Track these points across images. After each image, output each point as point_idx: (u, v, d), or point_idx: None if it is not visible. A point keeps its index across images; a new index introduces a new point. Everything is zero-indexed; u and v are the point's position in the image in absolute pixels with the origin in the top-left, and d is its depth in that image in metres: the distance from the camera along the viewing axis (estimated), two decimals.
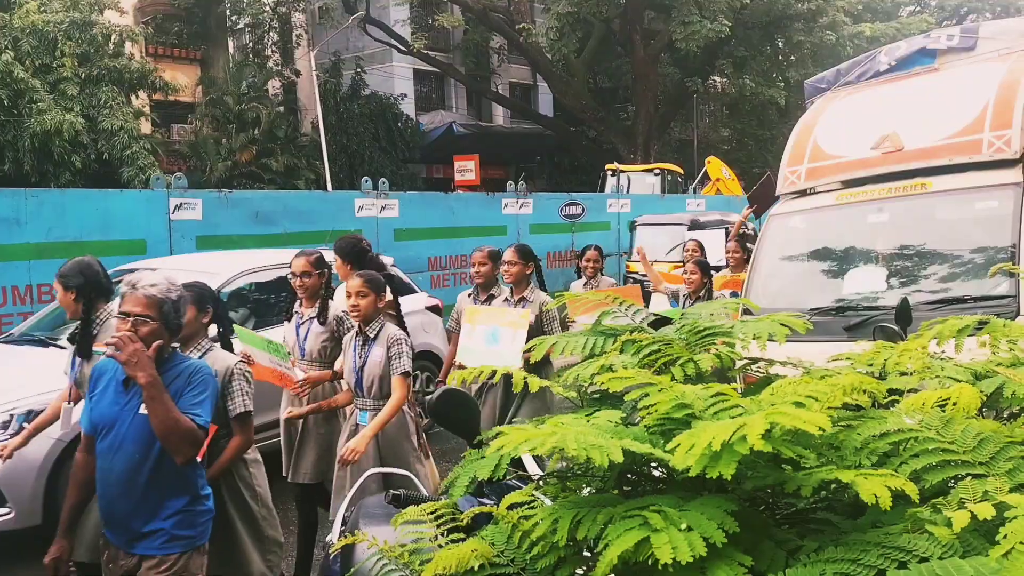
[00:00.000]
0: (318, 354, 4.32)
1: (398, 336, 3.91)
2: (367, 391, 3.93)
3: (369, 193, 10.22)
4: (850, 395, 1.38)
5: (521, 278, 4.84)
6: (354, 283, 3.87)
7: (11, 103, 14.82)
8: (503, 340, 4.45)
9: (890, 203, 4.51)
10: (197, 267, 5.98)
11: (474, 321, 4.67)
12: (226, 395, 3.22)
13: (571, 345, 2.04)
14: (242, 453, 3.33)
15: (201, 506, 2.83)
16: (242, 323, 6.01)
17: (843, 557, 1.17)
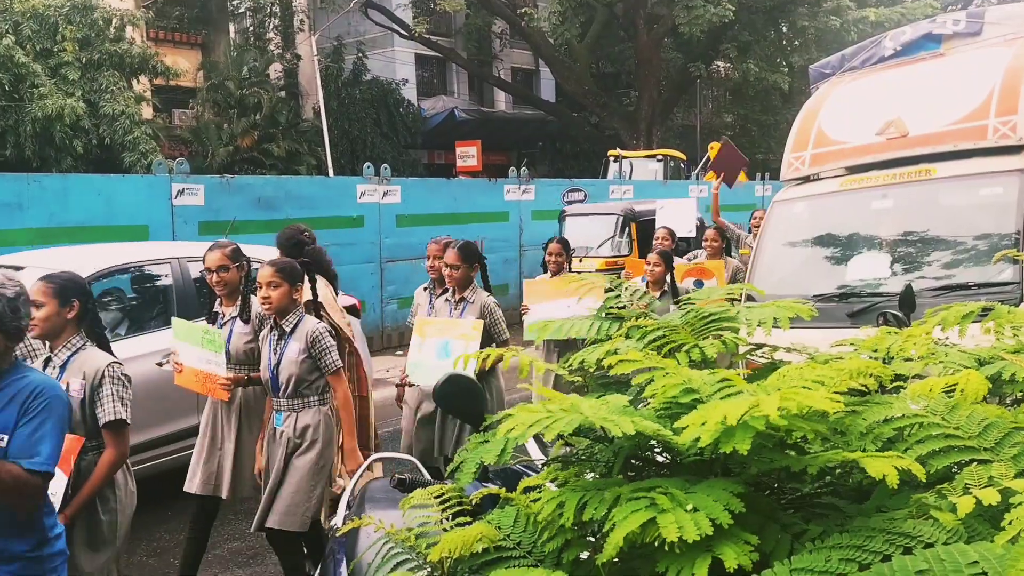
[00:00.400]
0: (244, 356, 3.97)
1: (318, 331, 3.61)
2: (283, 391, 3.65)
3: (371, 179, 10.21)
4: (857, 379, 1.39)
5: (465, 281, 4.47)
6: (265, 272, 3.60)
7: (12, 88, 14.78)
8: (455, 353, 4.15)
9: (894, 189, 4.50)
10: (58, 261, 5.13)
11: (424, 334, 4.40)
12: (95, 401, 2.92)
13: (576, 328, 2.04)
14: (116, 469, 2.96)
15: (49, 548, 2.43)
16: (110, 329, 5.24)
17: (849, 543, 1.18)
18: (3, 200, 7.11)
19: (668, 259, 5.67)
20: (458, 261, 4.38)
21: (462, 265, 4.39)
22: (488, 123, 25.16)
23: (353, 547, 2.68)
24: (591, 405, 1.50)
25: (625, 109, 25.41)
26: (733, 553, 1.20)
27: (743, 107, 28.35)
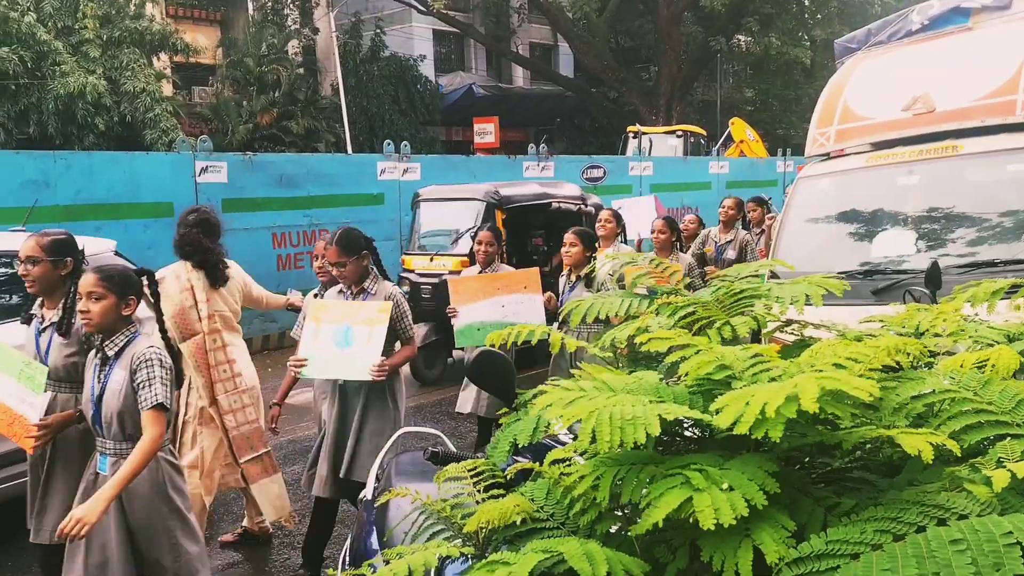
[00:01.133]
0: (65, 373, 3.26)
1: (147, 356, 2.88)
2: (106, 429, 2.94)
3: (391, 156, 10.23)
4: (892, 356, 1.40)
5: (358, 274, 3.86)
6: (87, 281, 2.89)
7: (34, 65, 14.90)
8: (357, 340, 3.70)
9: (921, 165, 4.46)
10: None
11: (320, 319, 3.81)
12: None
13: (605, 307, 2.06)
14: None
15: None
16: None
17: (883, 515, 1.20)
18: (30, 177, 7.20)
19: (587, 239, 4.98)
20: (341, 256, 3.77)
21: (348, 259, 3.78)
22: (506, 99, 25.05)
23: (383, 519, 2.73)
24: (616, 401, 1.48)
25: (644, 84, 25.20)
26: (772, 541, 1.22)
27: (764, 82, 28.04)
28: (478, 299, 4.82)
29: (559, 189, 8.85)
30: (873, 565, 1.11)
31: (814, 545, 1.18)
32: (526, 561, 1.31)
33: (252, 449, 4.32)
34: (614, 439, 1.31)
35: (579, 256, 4.91)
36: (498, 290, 4.81)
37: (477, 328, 4.78)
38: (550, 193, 8.63)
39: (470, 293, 4.87)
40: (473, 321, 4.82)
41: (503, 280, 4.91)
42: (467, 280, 5.13)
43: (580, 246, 4.90)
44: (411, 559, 1.49)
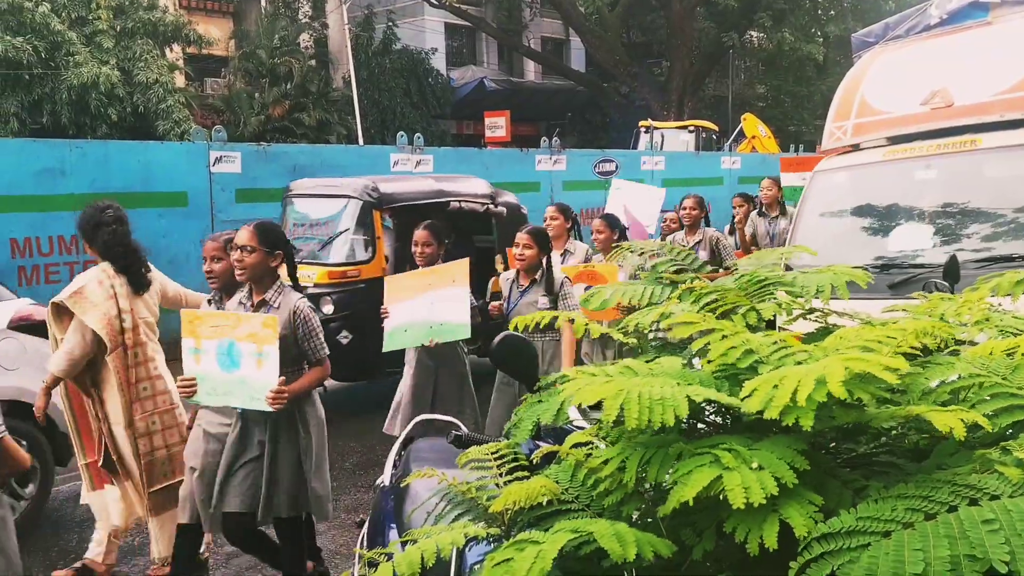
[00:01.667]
0: None
1: None
2: None
3: (404, 148, 10.24)
4: (920, 339, 1.40)
5: (258, 272, 3.28)
6: None
7: (48, 55, 14.96)
8: (245, 362, 3.15)
9: (939, 160, 4.45)
10: None
11: (197, 333, 3.23)
12: None
13: (628, 294, 2.07)
14: None
15: None
16: None
17: (914, 494, 1.20)
18: (47, 166, 7.24)
19: (541, 240, 4.57)
20: (252, 240, 3.26)
21: (258, 247, 3.25)
22: (517, 93, 25.02)
23: (401, 503, 2.75)
24: (643, 383, 1.49)
25: (656, 79, 25.14)
26: (800, 515, 1.23)
27: (776, 78, 27.94)
28: (410, 296, 4.46)
29: (460, 185, 7.44)
30: (905, 543, 1.12)
31: (844, 521, 1.19)
32: (555, 540, 1.31)
33: (165, 477, 3.88)
34: (642, 418, 1.32)
35: (534, 259, 4.53)
36: (429, 286, 4.42)
37: (404, 330, 4.44)
38: (448, 190, 7.14)
39: (403, 291, 4.48)
40: (402, 322, 4.44)
41: (434, 275, 4.49)
42: (401, 277, 4.74)
43: (535, 248, 4.52)
44: (439, 538, 1.50)
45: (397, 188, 7.08)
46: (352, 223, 6.67)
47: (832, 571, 1.16)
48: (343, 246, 6.67)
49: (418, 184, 7.52)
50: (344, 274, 6.42)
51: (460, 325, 4.30)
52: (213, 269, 3.63)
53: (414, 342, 4.46)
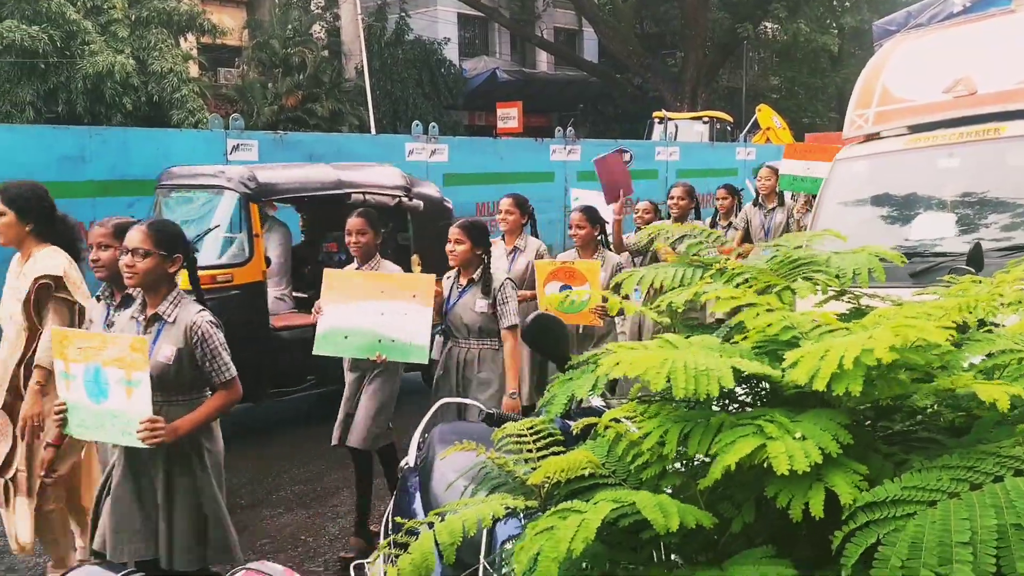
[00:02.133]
0: None
1: None
2: None
3: (419, 137, 10.25)
4: (964, 313, 1.41)
5: (149, 278, 2.80)
6: None
7: (64, 44, 15.03)
8: (113, 391, 2.69)
9: (961, 148, 4.43)
10: None
11: (67, 355, 2.78)
12: None
13: (660, 276, 2.07)
14: None
15: None
16: None
17: (958, 464, 1.21)
18: (66, 153, 7.29)
19: (475, 234, 4.11)
20: (146, 243, 2.77)
21: (153, 251, 2.77)
22: (530, 84, 24.98)
23: (428, 481, 2.78)
24: (688, 354, 1.50)
25: (670, 71, 25.05)
26: (845, 483, 1.23)
27: (790, 69, 27.81)
28: (355, 299, 4.01)
29: (365, 174, 6.58)
30: (951, 513, 1.13)
31: (889, 490, 1.20)
32: (599, 509, 1.33)
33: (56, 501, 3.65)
34: (688, 387, 1.33)
35: (466, 255, 4.09)
36: (381, 293, 3.98)
37: (344, 335, 4.00)
38: (349, 180, 6.30)
39: (346, 290, 4.06)
40: (341, 326, 4.00)
41: (389, 283, 4.05)
42: (346, 274, 4.25)
43: (468, 243, 4.07)
44: (479, 508, 1.52)
45: (281, 178, 6.23)
46: (225, 218, 5.77)
47: (877, 540, 1.17)
48: (213, 246, 5.73)
49: (310, 173, 6.50)
50: (213, 279, 5.40)
51: (416, 347, 3.93)
52: (100, 257, 3.23)
53: (354, 352, 4.06)
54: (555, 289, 4.65)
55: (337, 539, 4.43)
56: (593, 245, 5.02)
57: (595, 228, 4.99)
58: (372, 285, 4.04)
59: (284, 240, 6.45)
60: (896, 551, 1.11)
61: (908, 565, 1.09)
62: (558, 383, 1.84)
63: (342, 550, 4.24)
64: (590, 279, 4.61)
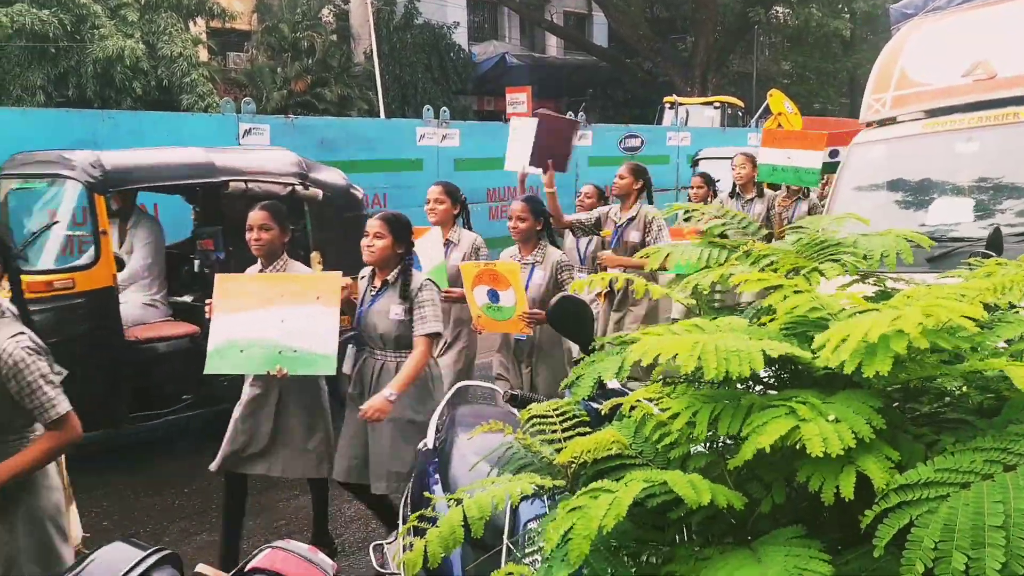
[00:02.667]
0: None
1: None
2: None
3: (430, 122, 10.24)
4: (998, 293, 1.41)
5: None
6: None
7: (74, 28, 15.02)
8: None
9: (980, 132, 4.40)
10: None
11: None
12: None
13: (685, 255, 2.07)
14: None
15: None
16: None
17: (991, 446, 1.21)
18: (79, 137, 7.28)
19: (396, 228, 3.62)
20: None
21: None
22: (539, 69, 24.86)
23: (447, 463, 2.80)
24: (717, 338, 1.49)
25: (680, 55, 24.91)
26: (877, 467, 1.24)
27: (801, 54, 27.61)
28: (250, 307, 3.53)
29: (248, 159, 5.77)
30: (984, 495, 1.13)
31: (922, 473, 1.20)
32: (630, 488, 1.33)
33: None
34: (720, 369, 1.33)
35: (385, 252, 3.60)
36: (280, 297, 3.52)
37: (240, 349, 3.50)
38: (225, 165, 5.44)
39: (240, 297, 3.57)
40: (236, 338, 3.51)
41: (289, 285, 3.59)
42: (240, 279, 3.75)
43: (388, 238, 3.58)
44: (508, 486, 1.53)
45: (136, 163, 5.28)
46: (66, 212, 5.01)
47: (910, 521, 1.17)
48: (50, 246, 4.99)
49: (174, 157, 5.57)
50: (49, 285, 4.64)
51: (322, 357, 3.47)
52: None
53: (254, 367, 3.57)
54: (483, 294, 4.13)
55: (353, 520, 4.45)
56: (534, 239, 4.46)
57: (538, 221, 4.44)
58: (269, 289, 3.56)
59: (153, 236, 5.44)
60: (929, 533, 1.12)
61: (941, 547, 1.10)
62: (584, 364, 1.84)
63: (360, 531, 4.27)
64: (512, 282, 4.04)
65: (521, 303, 4.02)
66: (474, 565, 2.17)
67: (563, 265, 4.40)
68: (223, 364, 3.53)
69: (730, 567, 1.30)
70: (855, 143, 4.91)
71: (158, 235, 5.54)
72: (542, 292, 4.28)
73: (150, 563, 1.83)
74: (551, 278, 4.35)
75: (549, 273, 4.37)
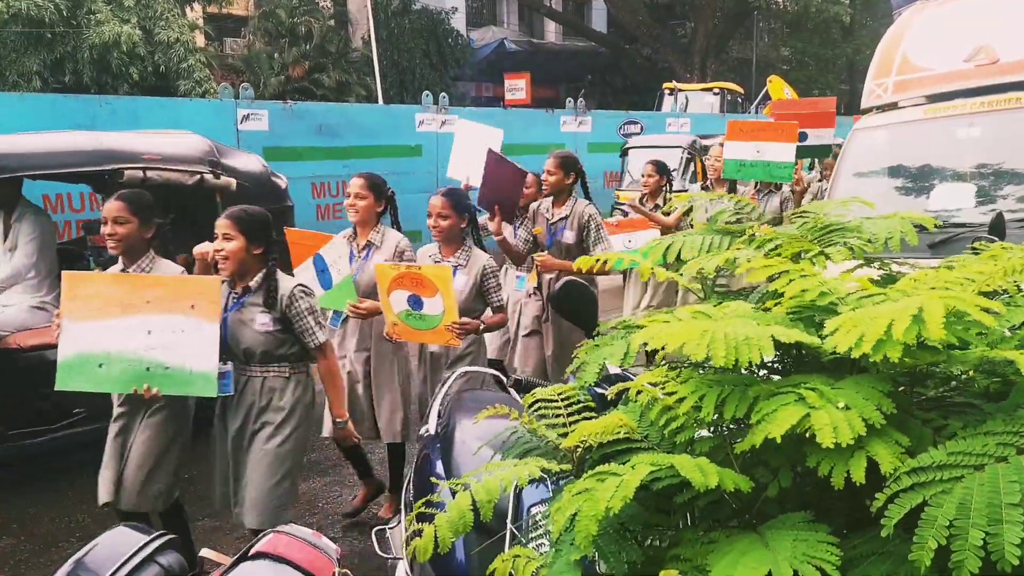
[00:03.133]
0: None
1: None
2: None
3: (429, 108, 10.20)
4: (1009, 277, 1.40)
5: None
6: None
7: (70, 14, 14.93)
8: None
9: (982, 117, 4.39)
10: None
11: None
12: None
13: (688, 245, 2.06)
14: None
15: None
16: None
17: (1003, 430, 1.21)
18: (76, 122, 7.26)
19: (249, 225, 3.17)
20: None
21: None
22: (537, 54, 24.78)
23: (449, 449, 2.79)
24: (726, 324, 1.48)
25: (679, 41, 24.81)
26: (887, 452, 1.23)
27: (801, 40, 27.51)
28: (109, 313, 3.03)
29: (149, 144, 5.03)
30: (999, 476, 1.12)
31: (934, 456, 1.19)
32: (637, 471, 1.33)
33: None
34: (730, 357, 1.32)
35: (238, 255, 3.14)
36: (147, 304, 3.03)
37: (98, 364, 3.03)
38: (119, 151, 4.84)
39: (97, 300, 3.05)
40: (93, 350, 3.04)
41: (157, 289, 3.08)
42: (95, 278, 3.24)
43: (240, 240, 3.13)
44: (515, 470, 1.53)
45: (13, 149, 4.65)
46: None
47: (923, 501, 1.17)
48: None
49: (60, 142, 4.99)
50: None
51: (200, 376, 3.01)
52: None
53: (115, 385, 3.09)
54: (402, 299, 3.66)
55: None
56: (458, 239, 4.00)
57: (462, 219, 3.95)
58: (132, 293, 3.05)
59: (41, 232, 4.83)
60: (944, 512, 1.11)
61: (956, 525, 1.09)
62: (588, 349, 1.84)
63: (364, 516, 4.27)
64: (440, 288, 3.59)
65: (451, 312, 3.61)
66: (478, 550, 2.17)
67: (489, 271, 3.92)
68: (76, 379, 3.05)
69: (737, 551, 1.30)
70: (856, 128, 4.90)
71: (46, 230, 4.89)
72: (463, 299, 3.81)
73: (154, 547, 1.83)
74: (474, 284, 3.90)
75: (473, 279, 3.90)
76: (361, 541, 4.08)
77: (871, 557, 1.27)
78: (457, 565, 2.25)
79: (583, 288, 2.31)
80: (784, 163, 5.88)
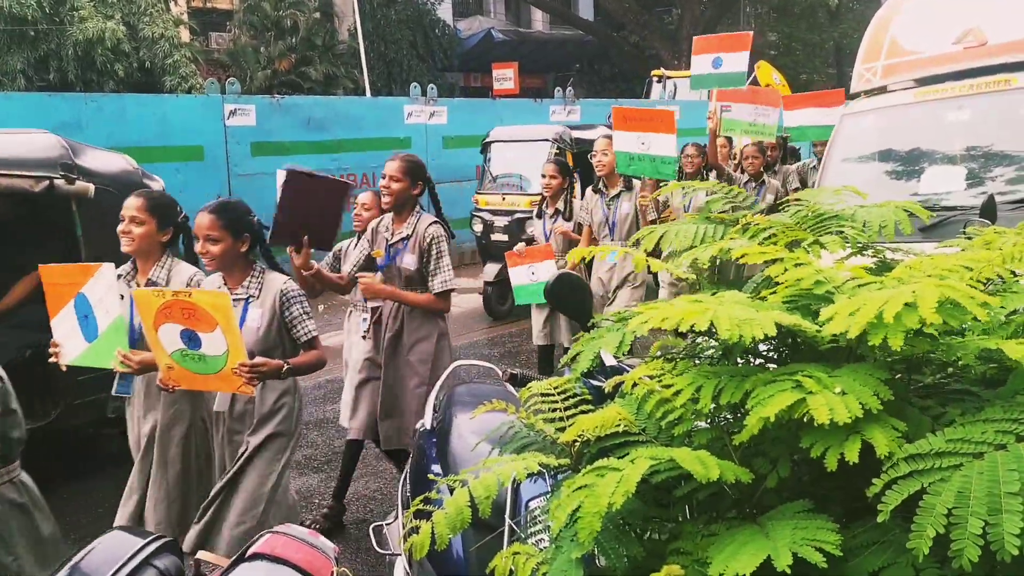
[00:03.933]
0: None
1: None
2: None
3: (418, 100, 10.15)
4: (1007, 264, 1.39)
5: None
6: None
7: (53, 11, 14.79)
8: None
9: (971, 100, 4.38)
10: None
11: None
12: None
13: (681, 234, 2.05)
14: None
15: None
16: None
17: (1002, 417, 1.20)
18: (63, 120, 7.20)
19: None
20: None
21: None
22: (525, 44, 24.67)
23: (445, 443, 2.79)
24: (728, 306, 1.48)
25: (666, 28, 24.73)
26: (883, 436, 1.23)
27: (788, 25, 27.46)
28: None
29: None
30: (999, 464, 1.12)
31: (933, 443, 1.19)
32: (637, 466, 1.32)
33: None
34: (733, 333, 1.32)
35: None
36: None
37: None
38: None
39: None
40: None
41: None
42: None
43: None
44: (512, 465, 1.52)
45: None
46: None
47: (921, 489, 1.17)
48: None
49: None
50: None
51: None
52: None
53: None
54: (175, 335, 2.81)
55: (351, 501, 4.46)
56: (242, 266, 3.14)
57: (241, 240, 3.06)
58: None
59: None
60: (942, 500, 1.11)
61: (955, 514, 1.09)
62: (584, 340, 1.83)
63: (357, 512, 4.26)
64: (220, 321, 2.74)
65: (236, 351, 2.77)
66: (476, 547, 2.17)
67: (289, 296, 3.08)
68: None
69: (737, 542, 1.29)
70: (846, 113, 4.89)
71: None
72: (261, 336, 3.05)
73: (150, 551, 1.82)
74: (273, 316, 3.07)
75: (270, 311, 3.08)
76: (359, 538, 4.07)
77: (871, 547, 1.27)
78: (456, 561, 2.24)
79: (577, 280, 2.30)
80: (666, 157, 5.21)
